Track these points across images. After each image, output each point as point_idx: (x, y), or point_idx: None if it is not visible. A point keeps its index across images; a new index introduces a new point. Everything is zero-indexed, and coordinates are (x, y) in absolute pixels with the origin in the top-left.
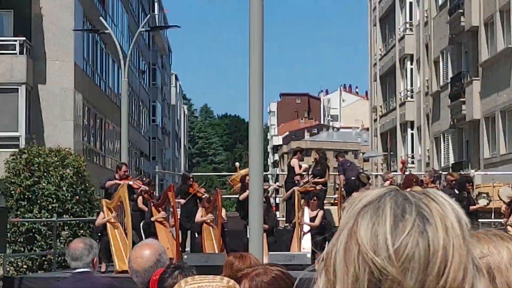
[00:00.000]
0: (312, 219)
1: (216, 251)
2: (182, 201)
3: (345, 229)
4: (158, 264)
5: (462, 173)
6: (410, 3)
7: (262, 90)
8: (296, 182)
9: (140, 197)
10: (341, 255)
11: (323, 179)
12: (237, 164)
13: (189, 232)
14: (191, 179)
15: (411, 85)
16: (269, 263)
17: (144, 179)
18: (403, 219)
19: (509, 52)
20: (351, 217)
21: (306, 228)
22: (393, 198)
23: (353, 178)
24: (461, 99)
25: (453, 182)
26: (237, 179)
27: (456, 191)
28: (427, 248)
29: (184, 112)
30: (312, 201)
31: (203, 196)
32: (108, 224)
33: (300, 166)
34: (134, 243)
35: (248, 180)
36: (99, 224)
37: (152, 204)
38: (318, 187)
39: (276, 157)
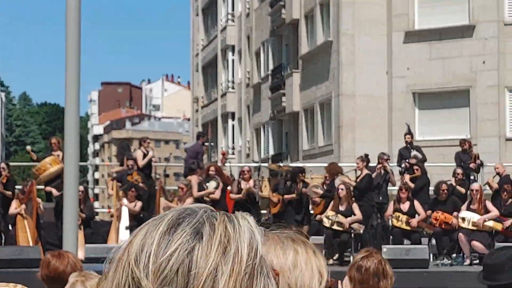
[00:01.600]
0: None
1: (31, 244)
2: None
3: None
4: None
5: (281, 164)
6: None
7: (79, 78)
8: (130, 167)
9: None
10: (115, 263)
11: (121, 168)
12: (28, 147)
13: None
14: (3, 169)
15: (233, 76)
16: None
17: None
18: (174, 233)
19: (328, 45)
20: (140, 227)
21: (124, 220)
22: (179, 211)
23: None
24: (281, 91)
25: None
26: (43, 168)
27: (289, 183)
28: (188, 269)
29: (1, 99)
30: (130, 191)
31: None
32: None
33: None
34: None
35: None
36: None
37: None
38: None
39: (97, 146)
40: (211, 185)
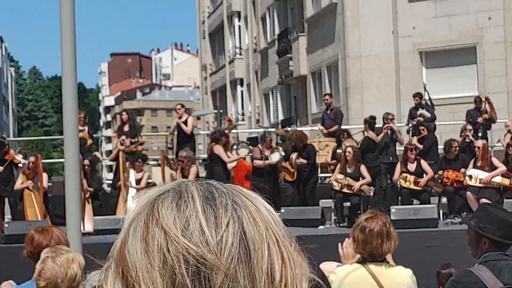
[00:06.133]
0: (138, 181)
1: (39, 218)
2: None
3: (139, 219)
4: None
5: (289, 129)
6: None
7: (75, 49)
8: (121, 142)
9: None
10: (139, 247)
11: (135, 139)
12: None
13: (6, 200)
14: (7, 146)
15: (240, 42)
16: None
17: None
18: (215, 203)
19: (333, 7)
20: (145, 206)
21: (132, 191)
22: (195, 183)
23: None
24: (288, 55)
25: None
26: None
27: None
28: (245, 239)
29: (11, 74)
30: (137, 162)
31: (19, 163)
32: None
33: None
34: None
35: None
36: None
37: None
38: (139, 148)
39: (109, 117)
40: (275, 156)
